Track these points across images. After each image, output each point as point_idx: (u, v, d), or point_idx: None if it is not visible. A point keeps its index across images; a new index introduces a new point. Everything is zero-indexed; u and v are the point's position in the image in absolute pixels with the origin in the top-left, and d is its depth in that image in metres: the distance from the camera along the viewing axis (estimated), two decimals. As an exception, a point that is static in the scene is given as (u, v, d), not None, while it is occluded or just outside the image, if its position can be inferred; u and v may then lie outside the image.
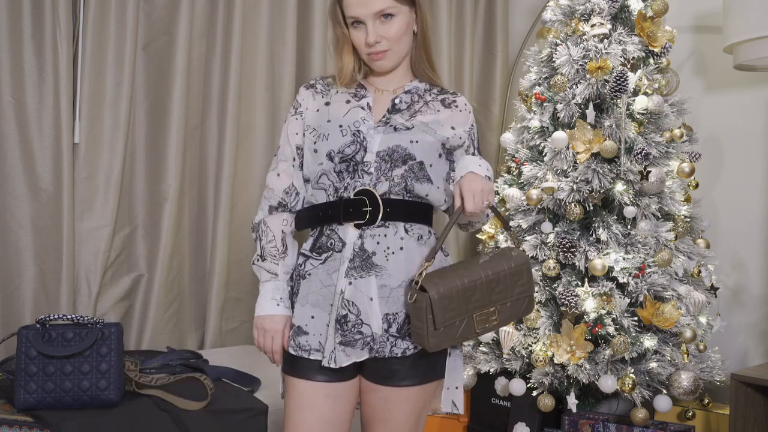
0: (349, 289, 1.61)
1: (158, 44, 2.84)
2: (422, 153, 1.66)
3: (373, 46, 1.66)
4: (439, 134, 1.69)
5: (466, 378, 2.74)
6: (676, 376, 2.37)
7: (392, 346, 1.61)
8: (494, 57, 3.69)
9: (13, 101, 2.55)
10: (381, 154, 1.64)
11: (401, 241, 1.62)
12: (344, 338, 1.60)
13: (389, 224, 1.62)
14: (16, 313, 2.57)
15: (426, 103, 1.73)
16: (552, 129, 2.64)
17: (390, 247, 1.62)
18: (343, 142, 1.65)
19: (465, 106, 1.79)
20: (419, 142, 1.66)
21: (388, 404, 1.65)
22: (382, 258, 1.61)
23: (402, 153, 1.64)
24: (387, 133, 1.66)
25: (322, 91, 1.76)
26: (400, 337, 1.61)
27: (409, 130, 1.66)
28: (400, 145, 1.64)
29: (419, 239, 1.65)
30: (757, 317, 2.83)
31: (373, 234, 1.62)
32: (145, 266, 2.84)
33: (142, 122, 2.85)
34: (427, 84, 1.77)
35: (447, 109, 1.74)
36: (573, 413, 2.52)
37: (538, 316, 2.51)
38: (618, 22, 2.64)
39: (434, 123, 1.70)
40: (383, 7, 1.63)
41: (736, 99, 2.92)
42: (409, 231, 1.64)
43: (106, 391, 2.12)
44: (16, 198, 2.57)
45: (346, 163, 1.64)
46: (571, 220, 2.52)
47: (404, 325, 1.60)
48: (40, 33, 2.59)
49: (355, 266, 1.62)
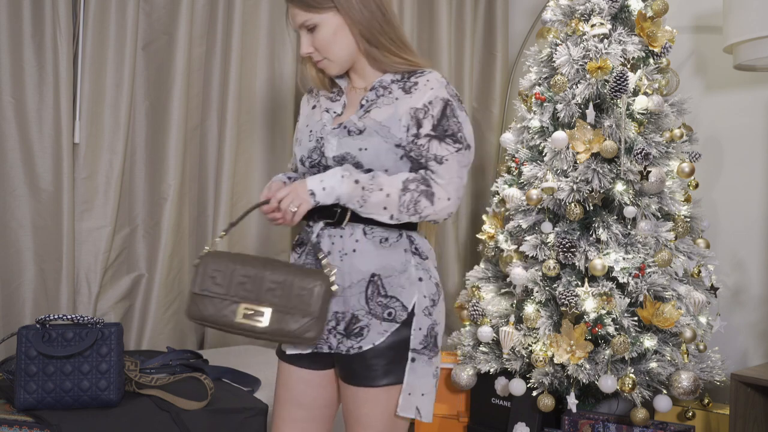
0: None
1: (158, 44, 2.84)
2: (372, 161, 1.63)
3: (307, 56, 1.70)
4: (394, 135, 1.63)
5: (466, 378, 2.74)
6: (676, 376, 2.37)
7: (339, 342, 1.65)
8: (494, 57, 3.69)
9: (13, 101, 2.55)
10: (337, 159, 1.66)
11: (356, 243, 1.64)
12: None
13: (347, 226, 1.65)
14: (16, 313, 2.57)
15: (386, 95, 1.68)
16: (552, 129, 2.64)
17: (344, 248, 1.65)
18: (309, 147, 1.70)
19: (426, 84, 1.65)
20: (368, 150, 1.63)
21: (357, 403, 1.67)
22: (336, 259, 1.65)
23: (352, 160, 1.64)
24: (342, 137, 1.66)
25: (315, 95, 1.80)
26: (347, 335, 1.64)
27: (361, 134, 1.64)
28: (350, 152, 1.64)
29: (382, 242, 1.65)
30: (757, 317, 2.83)
31: (330, 234, 1.66)
32: (145, 266, 2.84)
33: (142, 122, 2.85)
34: (398, 74, 1.70)
35: (406, 95, 1.66)
36: (573, 413, 2.52)
37: (538, 316, 2.51)
38: (618, 22, 2.64)
39: (390, 119, 1.64)
40: (302, 20, 1.66)
41: (736, 99, 2.92)
42: (368, 234, 1.65)
43: (106, 391, 2.12)
44: (16, 198, 2.57)
45: (316, 168, 1.69)
46: (571, 220, 2.52)
47: (351, 325, 1.64)
48: (40, 33, 2.59)
49: (308, 263, 1.69)
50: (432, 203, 1.62)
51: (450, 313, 3.49)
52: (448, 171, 1.64)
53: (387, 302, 1.63)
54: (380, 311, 1.63)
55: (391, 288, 1.64)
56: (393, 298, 1.63)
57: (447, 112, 1.64)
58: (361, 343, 1.63)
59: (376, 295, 1.63)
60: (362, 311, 1.63)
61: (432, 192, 1.62)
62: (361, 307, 1.63)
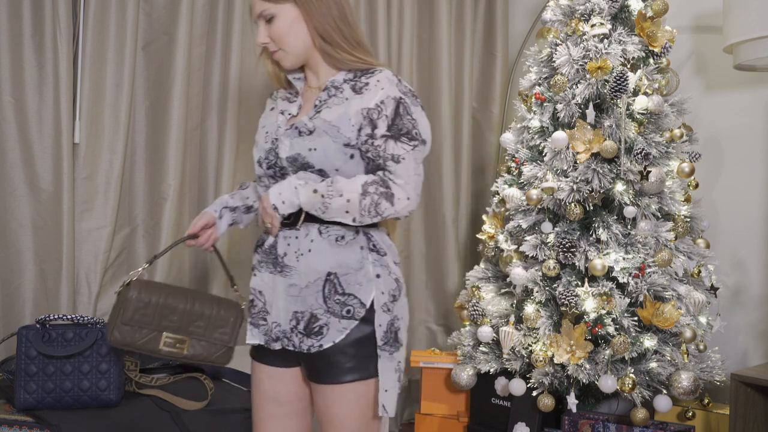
0: (254, 279, 1.76)
1: (158, 44, 2.84)
2: (321, 161, 1.65)
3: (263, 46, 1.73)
4: (343, 134, 1.64)
5: (466, 378, 2.74)
6: (676, 376, 2.37)
7: (300, 342, 1.67)
8: (494, 57, 3.69)
9: (13, 101, 2.55)
10: (290, 159, 1.68)
11: (311, 243, 1.66)
12: (252, 319, 1.77)
13: (302, 227, 1.67)
14: (16, 313, 2.57)
15: (337, 95, 1.69)
16: (552, 129, 2.64)
17: (300, 248, 1.67)
18: (265, 149, 1.73)
19: (377, 83, 1.66)
20: (317, 150, 1.64)
21: (326, 403, 1.68)
22: (293, 259, 1.67)
23: (302, 161, 1.66)
24: (293, 138, 1.68)
25: (274, 98, 1.84)
26: (306, 334, 1.66)
27: (311, 134, 1.66)
28: (300, 153, 1.66)
29: (338, 240, 1.66)
30: (757, 317, 2.83)
31: (286, 236, 1.69)
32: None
33: (142, 122, 2.85)
34: (352, 73, 1.71)
35: (357, 96, 1.66)
36: (573, 413, 2.52)
37: (538, 316, 2.51)
38: (618, 22, 2.64)
39: (340, 119, 1.65)
40: (260, 10, 1.69)
41: (736, 99, 2.92)
42: (323, 233, 1.66)
43: (106, 391, 2.12)
44: (16, 198, 2.57)
45: (272, 168, 1.71)
46: (571, 220, 2.52)
47: (310, 324, 1.65)
48: (40, 33, 2.59)
49: (263, 261, 1.73)
50: (392, 204, 1.63)
51: (450, 313, 3.51)
52: (406, 170, 1.65)
53: (345, 300, 1.64)
54: (338, 309, 1.64)
55: (348, 286, 1.65)
56: (350, 295, 1.65)
57: (400, 111, 1.65)
58: (321, 341, 1.65)
59: (334, 294, 1.65)
60: (321, 310, 1.65)
61: (391, 193, 1.63)
62: (320, 306, 1.65)
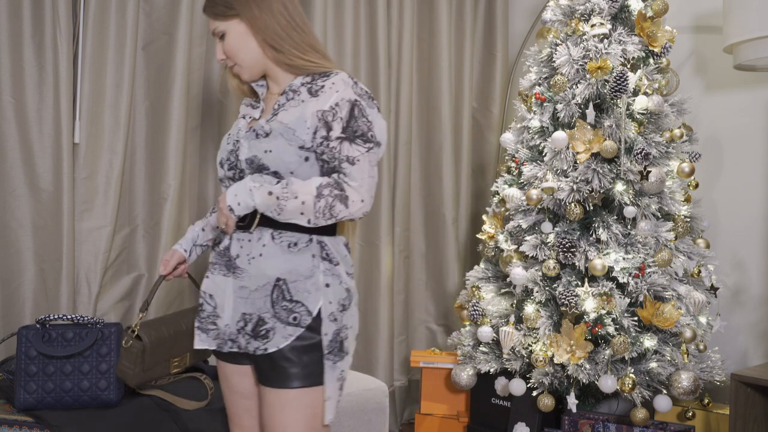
0: (206, 282, 1.75)
1: (158, 44, 2.84)
2: (276, 163, 1.66)
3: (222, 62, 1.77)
4: (298, 137, 1.65)
5: (466, 378, 2.74)
6: (676, 376, 2.37)
7: (247, 343, 1.68)
8: (494, 57, 3.69)
9: (13, 101, 2.55)
10: (248, 161, 1.69)
11: (263, 247, 1.67)
12: (200, 324, 1.76)
13: (255, 230, 1.68)
14: (16, 313, 2.57)
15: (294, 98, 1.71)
16: (552, 129, 2.64)
17: (251, 252, 1.68)
18: (228, 150, 1.76)
19: (332, 86, 1.67)
20: (272, 152, 1.65)
21: (271, 410, 1.67)
22: (245, 261, 1.68)
23: (258, 163, 1.68)
24: (251, 140, 1.70)
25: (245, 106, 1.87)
26: (254, 336, 1.66)
27: (267, 136, 1.67)
28: (257, 155, 1.68)
29: (291, 246, 1.66)
30: (757, 317, 2.83)
31: (240, 238, 1.70)
32: (145, 266, 2.84)
33: (142, 122, 2.85)
34: (309, 76, 1.72)
35: (312, 98, 1.68)
36: (573, 413, 2.52)
37: (538, 316, 2.51)
38: (618, 22, 2.64)
39: (296, 121, 1.66)
40: (212, 28, 1.75)
41: (736, 99, 2.92)
42: (276, 238, 1.67)
43: (106, 391, 2.12)
44: (16, 198, 2.57)
45: (233, 170, 1.73)
46: (571, 220, 2.52)
47: (257, 326, 1.66)
48: (40, 33, 2.59)
49: (216, 263, 1.74)
50: (346, 206, 1.63)
51: (450, 313, 3.51)
52: (360, 172, 1.64)
53: (292, 307, 1.64)
54: (285, 315, 1.64)
55: (296, 293, 1.65)
56: (298, 302, 1.65)
57: (355, 113, 1.66)
58: (266, 345, 1.65)
59: (281, 300, 1.65)
60: (268, 314, 1.65)
61: (346, 195, 1.63)
62: (267, 310, 1.65)
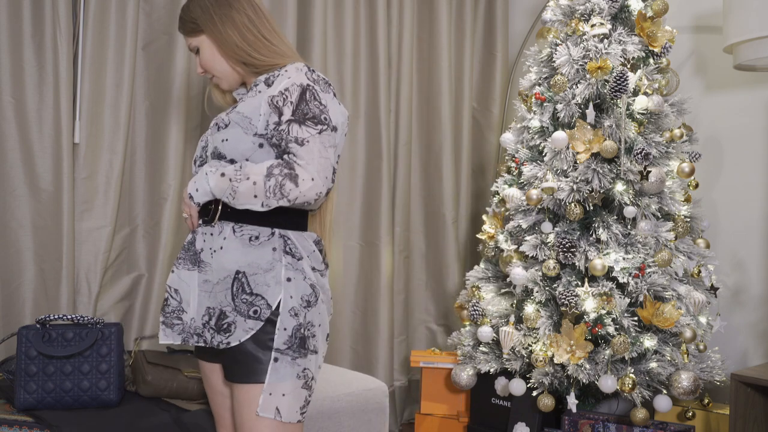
0: (172, 276, 1.77)
1: (158, 44, 2.84)
2: (232, 151, 1.69)
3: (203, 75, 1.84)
4: (253, 125, 1.68)
5: (466, 378, 2.74)
6: (676, 376, 2.37)
7: (212, 337, 1.69)
8: (494, 57, 3.69)
9: (13, 101, 2.56)
10: (212, 155, 1.74)
11: (223, 240, 1.69)
12: (165, 319, 1.77)
13: (217, 224, 1.70)
14: (16, 313, 2.57)
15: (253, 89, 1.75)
16: (552, 129, 2.64)
17: (213, 245, 1.70)
18: (201, 147, 1.82)
19: (284, 73, 1.71)
20: (228, 140, 1.70)
21: (237, 406, 1.68)
22: (208, 255, 1.71)
23: (217, 153, 1.72)
24: (213, 133, 1.75)
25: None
26: (217, 330, 1.67)
27: (226, 127, 1.72)
28: (216, 146, 1.72)
29: (252, 240, 1.67)
30: (757, 317, 2.83)
31: (204, 232, 1.73)
32: (145, 266, 2.84)
33: (142, 122, 2.85)
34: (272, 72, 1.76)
35: (268, 88, 1.71)
36: (573, 413, 2.52)
37: (538, 316, 2.51)
38: (618, 22, 2.64)
39: (252, 111, 1.70)
40: (188, 44, 1.83)
41: (736, 99, 2.92)
42: (236, 232, 1.68)
43: (106, 391, 2.12)
44: (16, 198, 2.57)
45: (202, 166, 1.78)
46: (571, 220, 2.52)
47: (219, 320, 1.67)
48: (40, 33, 2.59)
49: (182, 258, 1.76)
50: (297, 185, 1.62)
51: (450, 313, 3.51)
52: (309, 152, 1.64)
53: (252, 300, 1.65)
54: (245, 309, 1.65)
55: (256, 286, 1.65)
56: (258, 296, 1.65)
57: (306, 97, 1.68)
58: (229, 338, 1.66)
59: (241, 293, 1.66)
60: (229, 308, 1.66)
61: (295, 174, 1.62)
62: (228, 304, 1.67)
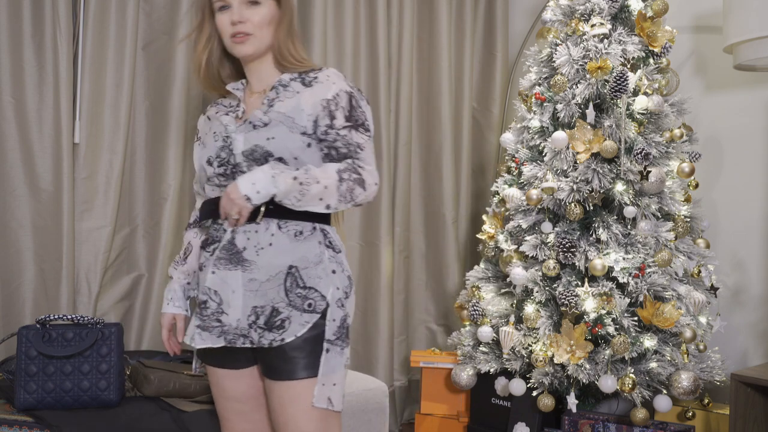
0: (211, 277, 1.70)
1: (158, 44, 2.84)
2: (280, 149, 1.68)
3: (237, 25, 1.70)
4: (298, 124, 1.68)
5: (466, 378, 2.74)
6: (676, 376, 2.37)
7: (260, 336, 1.66)
8: (494, 57, 3.69)
9: (13, 101, 2.55)
10: (246, 153, 1.69)
11: (272, 237, 1.67)
12: (202, 323, 1.71)
13: (262, 221, 1.67)
14: (16, 313, 2.57)
15: (287, 90, 1.74)
16: (552, 129, 2.64)
17: (260, 243, 1.67)
18: (217, 146, 1.74)
19: (327, 78, 1.74)
20: (276, 138, 1.68)
21: (281, 402, 1.67)
22: (252, 253, 1.67)
23: (261, 151, 1.68)
24: (247, 132, 1.71)
25: (209, 112, 1.86)
26: (267, 329, 1.66)
27: (266, 126, 1.69)
28: (258, 144, 1.68)
29: (297, 235, 1.68)
30: (757, 317, 2.83)
31: (245, 230, 1.68)
32: (145, 266, 2.84)
33: (142, 122, 2.85)
34: (296, 74, 1.76)
35: (307, 88, 1.72)
36: (573, 413, 2.52)
37: (538, 316, 2.51)
38: (618, 22, 2.64)
39: (293, 110, 1.70)
40: None
41: (736, 99, 2.92)
42: (282, 228, 1.68)
43: (106, 392, 2.12)
44: (16, 198, 2.57)
45: (224, 166, 1.72)
46: (571, 220, 2.52)
47: (271, 318, 1.66)
48: (40, 33, 2.59)
49: (222, 258, 1.69)
50: (364, 189, 1.68)
51: (450, 313, 3.51)
52: (369, 157, 1.71)
53: (306, 293, 1.66)
54: (300, 303, 1.65)
55: (309, 279, 1.66)
56: (312, 289, 1.66)
57: (353, 103, 1.72)
58: (283, 335, 1.65)
59: (295, 287, 1.66)
60: (282, 303, 1.65)
61: (363, 179, 1.67)
62: (281, 300, 1.66)
